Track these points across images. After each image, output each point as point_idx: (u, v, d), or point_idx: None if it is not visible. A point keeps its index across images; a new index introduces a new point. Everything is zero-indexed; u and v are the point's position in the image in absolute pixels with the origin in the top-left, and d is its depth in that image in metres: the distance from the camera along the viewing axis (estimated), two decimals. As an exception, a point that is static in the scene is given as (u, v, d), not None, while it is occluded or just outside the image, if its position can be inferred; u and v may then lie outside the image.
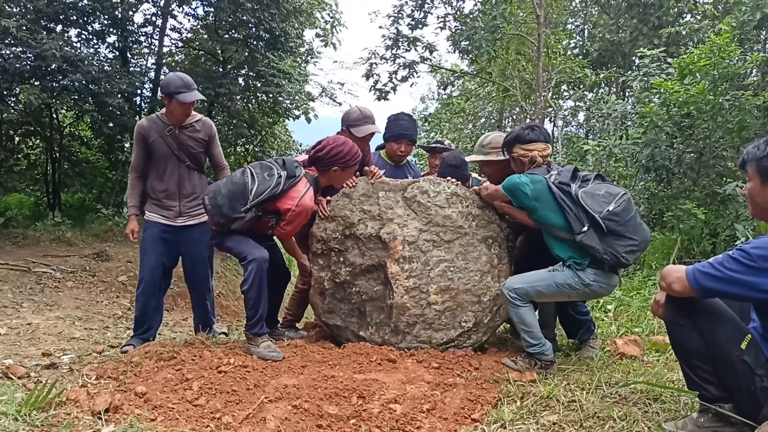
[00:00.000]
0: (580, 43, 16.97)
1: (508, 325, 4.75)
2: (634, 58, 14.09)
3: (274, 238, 4.18)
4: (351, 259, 4.04)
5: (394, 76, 15.20)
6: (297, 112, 14.95)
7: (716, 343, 2.31)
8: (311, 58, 17.82)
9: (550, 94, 14.70)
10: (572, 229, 3.37)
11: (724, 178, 8.03)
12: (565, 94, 17.51)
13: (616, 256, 3.32)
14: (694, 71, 7.67)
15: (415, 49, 15.08)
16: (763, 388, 2.22)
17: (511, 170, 3.81)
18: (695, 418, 2.42)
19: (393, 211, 3.99)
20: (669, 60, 8.83)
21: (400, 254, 3.90)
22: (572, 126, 18.70)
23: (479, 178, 4.65)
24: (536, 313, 4.06)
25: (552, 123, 17.97)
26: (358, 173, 4.21)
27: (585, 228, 3.33)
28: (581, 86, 15.87)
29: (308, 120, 15.06)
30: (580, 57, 15.73)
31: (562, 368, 3.61)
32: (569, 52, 16.31)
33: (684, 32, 11.96)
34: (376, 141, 4.83)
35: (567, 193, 3.42)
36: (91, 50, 12.84)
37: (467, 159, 4.37)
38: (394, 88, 15.21)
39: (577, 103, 17.33)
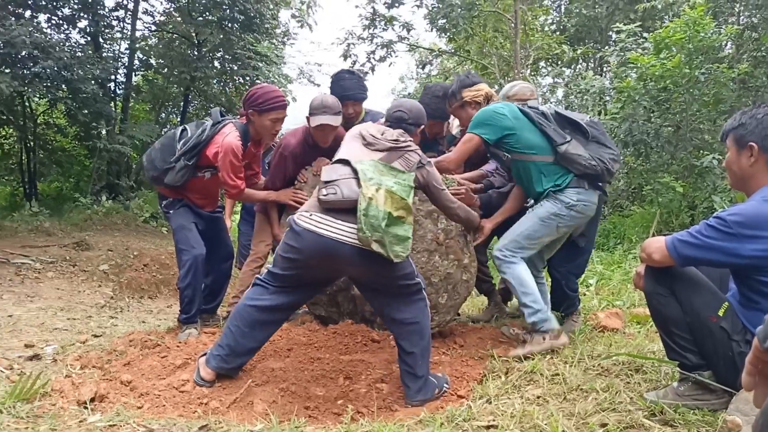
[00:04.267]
0: (557, 18, 16.94)
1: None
2: (610, 33, 14.12)
3: (221, 212, 4.34)
4: None
5: (372, 56, 15.10)
6: (275, 95, 14.82)
7: (694, 310, 2.35)
8: (288, 39, 17.71)
9: (528, 71, 14.70)
10: (554, 141, 3.33)
11: (702, 151, 8.13)
12: (544, 70, 17.52)
13: (603, 161, 3.31)
14: (670, 45, 7.72)
15: (393, 29, 14.97)
16: (740, 354, 2.27)
17: None
18: (676, 387, 2.47)
19: None
20: (645, 35, 8.87)
21: None
22: (551, 102, 18.74)
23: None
24: None
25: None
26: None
27: (568, 138, 3.32)
28: (559, 62, 15.90)
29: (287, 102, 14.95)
30: (558, 33, 15.72)
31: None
32: (546, 29, 16.29)
33: (660, 6, 11.97)
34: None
35: (540, 114, 3.42)
36: (62, 36, 12.61)
37: None
38: (372, 68, 15.11)
39: (556, 80, 17.36)
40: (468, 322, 4.37)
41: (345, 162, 2.89)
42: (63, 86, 11.48)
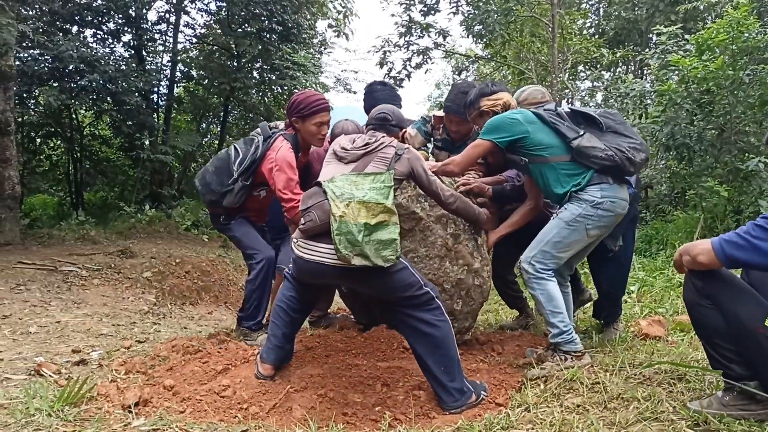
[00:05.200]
0: (596, 22, 16.73)
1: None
2: (651, 35, 13.89)
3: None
4: None
5: (408, 63, 15.14)
6: (312, 104, 14.99)
7: (739, 321, 2.27)
8: (324, 48, 17.85)
9: (566, 76, 14.54)
10: (567, 137, 3.19)
11: (747, 154, 7.92)
12: (582, 74, 17.30)
13: (622, 150, 3.10)
14: (713, 47, 7.55)
15: (429, 36, 14.99)
16: (789, 365, 2.20)
17: None
18: (720, 396, 2.41)
19: None
20: (686, 36, 8.70)
21: None
22: (591, 106, 18.51)
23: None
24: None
25: (570, 104, 17.78)
26: None
27: (581, 132, 3.17)
28: (598, 66, 15.69)
29: (324, 111, 15.07)
30: (596, 36, 15.53)
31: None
32: (585, 32, 16.10)
33: (701, 7, 11.73)
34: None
35: (554, 113, 3.30)
36: (107, 50, 12.99)
37: None
38: (408, 75, 15.15)
39: (595, 84, 17.14)
40: (506, 330, 4.33)
41: (318, 184, 2.99)
42: (108, 99, 11.82)
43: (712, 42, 7.48)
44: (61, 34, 10.96)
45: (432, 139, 4.37)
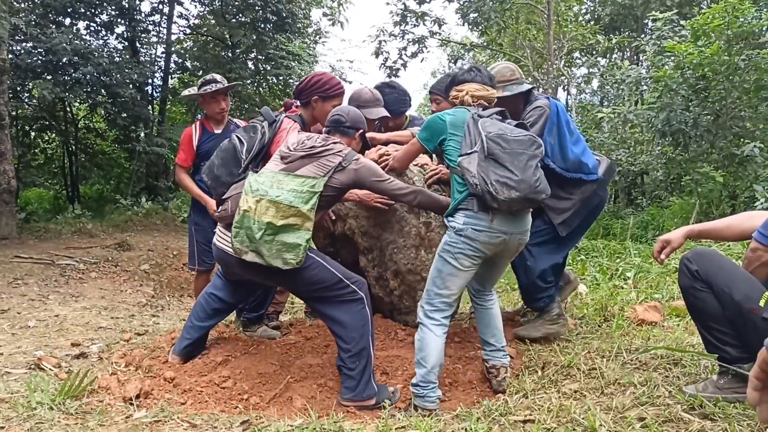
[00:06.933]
0: (591, 8, 16.67)
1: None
2: (646, 21, 13.86)
3: None
4: (344, 256, 4.00)
5: (403, 52, 15.08)
6: (308, 94, 14.99)
7: (734, 303, 2.30)
8: (320, 38, 17.77)
9: (562, 63, 14.51)
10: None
11: (742, 139, 7.94)
12: (578, 61, 17.26)
13: (486, 182, 2.68)
14: (708, 32, 7.56)
15: (424, 24, 14.93)
16: (786, 344, 2.22)
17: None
18: (715, 380, 2.44)
19: (346, 206, 3.84)
20: (682, 22, 8.70)
21: (363, 246, 3.82)
22: (586, 93, 18.47)
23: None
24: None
25: (566, 91, 17.74)
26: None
27: (469, 150, 2.80)
28: (594, 53, 15.66)
29: (319, 101, 15.06)
30: (592, 23, 15.49)
31: (582, 337, 3.62)
32: (580, 18, 16.05)
33: (697, -8, 11.71)
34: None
35: (475, 122, 2.89)
36: (101, 42, 12.93)
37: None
38: (404, 65, 15.11)
39: (591, 70, 17.08)
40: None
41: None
42: (102, 91, 11.78)
43: (708, 27, 7.49)
44: (54, 27, 10.90)
45: None
